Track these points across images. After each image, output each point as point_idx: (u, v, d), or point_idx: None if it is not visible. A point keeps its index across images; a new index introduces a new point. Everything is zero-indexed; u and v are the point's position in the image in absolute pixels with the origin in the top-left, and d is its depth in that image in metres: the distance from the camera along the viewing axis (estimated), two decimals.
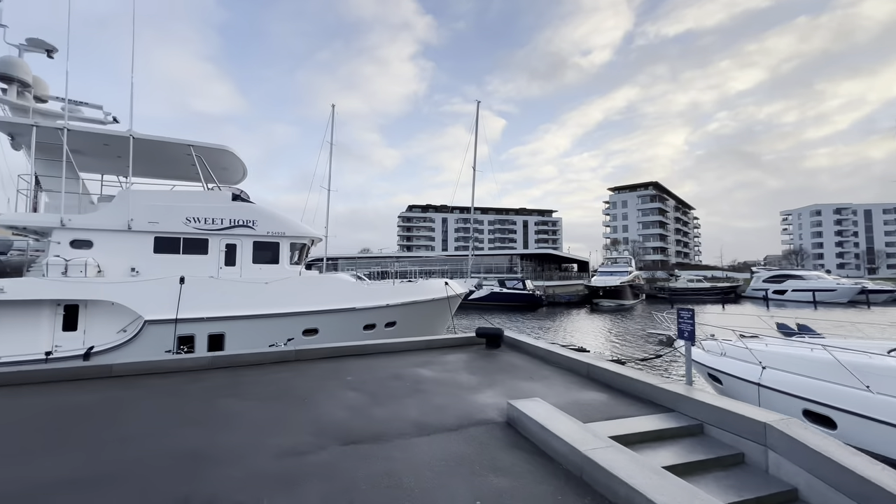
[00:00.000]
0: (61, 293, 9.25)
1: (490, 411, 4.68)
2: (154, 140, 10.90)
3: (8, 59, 10.78)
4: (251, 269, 11.60)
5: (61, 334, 9.58)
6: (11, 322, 9.16)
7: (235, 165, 12.98)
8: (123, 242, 10.34)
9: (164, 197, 10.96)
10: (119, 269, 10.25)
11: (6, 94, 10.89)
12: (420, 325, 14.56)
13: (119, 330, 10.02)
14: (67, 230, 9.86)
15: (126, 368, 6.16)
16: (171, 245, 10.81)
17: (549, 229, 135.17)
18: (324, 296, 11.99)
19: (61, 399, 5.06)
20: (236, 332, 10.69)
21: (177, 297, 10.11)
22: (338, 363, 7.06)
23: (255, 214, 11.71)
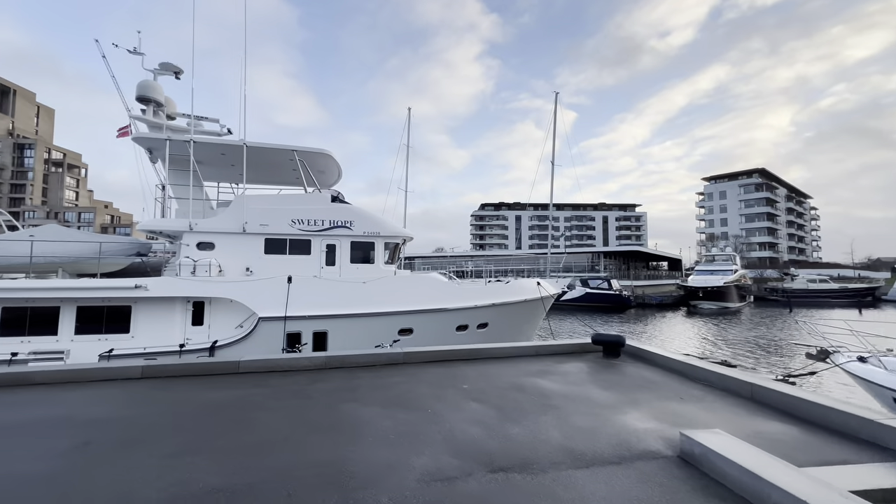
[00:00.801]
0: (191, 291, 10.14)
1: (650, 440, 3.90)
2: (262, 147, 11.58)
3: (147, 83, 12.17)
4: (349, 269, 11.85)
5: (191, 328, 10.52)
6: (153, 316, 10.24)
7: (332, 168, 13.42)
8: (239, 244, 11.12)
9: (272, 200, 11.63)
10: (236, 269, 11.03)
11: (144, 114, 12.30)
12: (512, 327, 13.92)
13: (237, 325, 10.75)
14: (194, 233, 10.82)
15: (251, 366, 6.36)
16: (279, 246, 11.40)
17: (631, 225, 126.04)
18: (418, 295, 11.88)
19: (200, 395, 5.26)
20: (338, 330, 10.95)
21: (285, 296, 10.59)
22: (448, 368, 6.70)
23: (352, 215, 11.95)
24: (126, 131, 12.53)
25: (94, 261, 10.67)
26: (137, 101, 12.23)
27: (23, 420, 4.39)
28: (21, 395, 5.29)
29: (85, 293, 9.53)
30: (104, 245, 11.04)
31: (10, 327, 9.44)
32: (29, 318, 9.55)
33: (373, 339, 11.18)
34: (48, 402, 5.01)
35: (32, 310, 9.60)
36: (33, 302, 9.59)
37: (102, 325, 9.94)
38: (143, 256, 11.80)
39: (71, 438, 3.87)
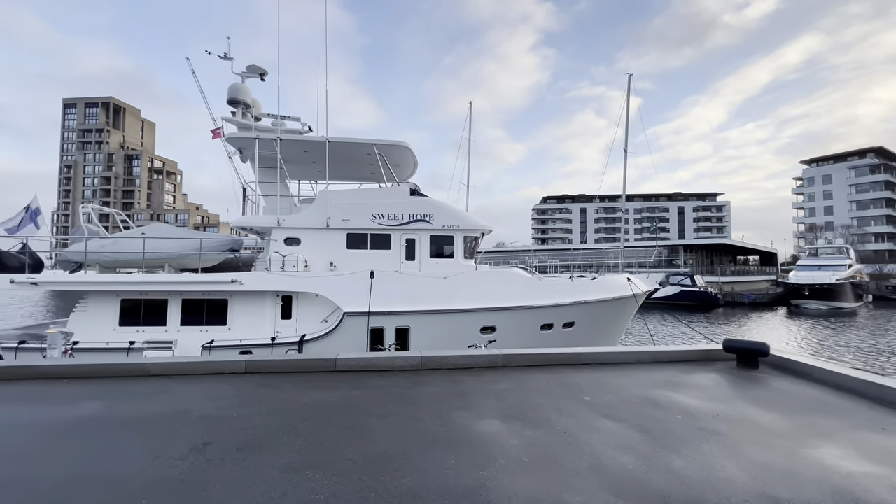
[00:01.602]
0: (280, 285, 10.37)
1: (883, 492, 2.91)
2: (344, 142, 11.56)
3: (236, 86, 12.70)
4: (428, 264, 11.51)
5: (280, 322, 10.79)
6: (246, 310, 10.62)
7: (408, 160, 13.17)
8: (323, 239, 11.21)
9: (353, 195, 11.60)
10: (320, 263, 11.13)
11: (234, 116, 12.85)
12: (600, 327, 12.80)
13: (322, 320, 10.85)
14: (282, 229, 11.08)
15: (347, 364, 6.11)
16: (360, 241, 11.34)
17: (712, 216, 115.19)
18: (500, 292, 11.24)
19: (304, 395, 5.04)
20: (420, 326, 10.64)
21: (368, 291, 10.47)
22: (554, 374, 5.98)
23: (431, 208, 11.57)
24: (219, 132, 13.22)
25: (195, 256, 11.33)
26: (228, 103, 12.85)
27: (143, 414, 4.40)
28: (140, 385, 5.43)
29: (188, 287, 10.12)
30: (203, 241, 11.69)
31: (127, 318, 10.29)
32: (143, 310, 10.36)
33: (455, 336, 10.75)
34: (164, 394, 5.07)
35: (145, 302, 10.39)
36: (146, 295, 10.37)
37: (203, 317, 10.51)
38: (236, 252, 12.35)
39: (189, 438, 3.73)
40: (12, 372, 5.63)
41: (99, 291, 10.16)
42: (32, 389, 5.24)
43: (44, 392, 5.15)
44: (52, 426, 4.07)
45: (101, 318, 10.16)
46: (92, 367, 5.75)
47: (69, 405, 4.66)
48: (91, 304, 10.18)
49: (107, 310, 10.21)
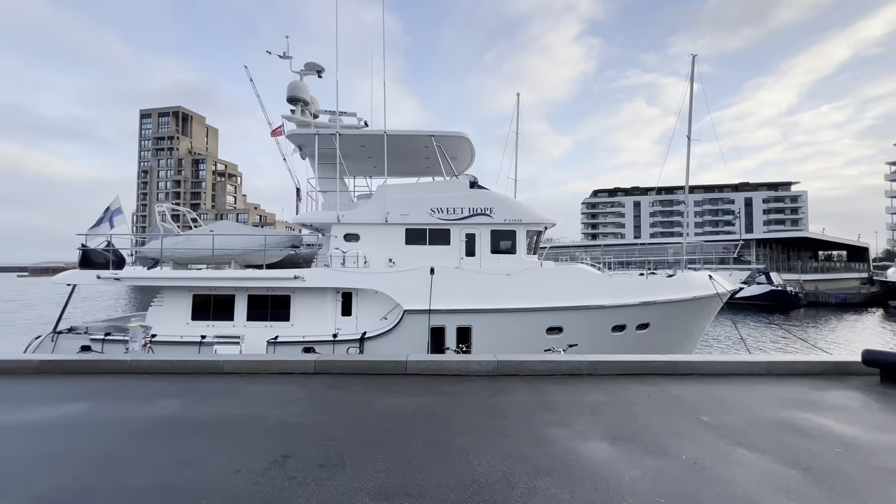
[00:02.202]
0: (341, 282, 10.26)
1: None
2: (402, 135, 11.25)
3: (295, 84, 12.78)
4: (489, 260, 10.95)
5: (340, 319, 10.70)
6: (308, 306, 10.63)
7: (465, 152, 12.66)
8: (382, 234, 10.98)
9: (411, 189, 11.28)
10: (379, 259, 10.92)
11: (293, 114, 12.95)
12: (679, 329, 11.63)
13: (381, 317, 10.63)
14: (342, 225, 10.98)
15: (419, 367, 5.72)
16: (419, 236, 11.00)
17: (785, 207, 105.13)
18: (568, 289, 10.45)
19: (378, 401, 4.68)
20: (482, 325, 10.13)
21: (429, 288, 10.10)
22: (653, 385, 5.23)
23: (492, 201, 10.99)
24: (279, 131, 13.41)
25: (259, 253, 11.54)
26: (288, 101, 12.98)
27: (219, 416, 4.21)
28: (214, 383, 5.34)
29: (254, 283, 10.28)
30: (267, 238, 11.89)
31: (198, 312, 10.65)
32: (212, 305, 10.68)
33: (519, 336, 10.13)
34: (237, 394, 4.91)
35: (215, 297, 10.70)
36: (215, 290, 10.67)
37: (268, 312, 10.66)
38: (297, 248, 12.46)
39: (268, 448, 3.44)
40: (101, 366, 5.76)
41: (173, 287, 10.59)
42: (117, 384, 5.30)
43: (126, 387, 5.18)
44: (135, 425, 3.97)
45: (175, 313, 10.59)
46: (169, 363, 5.76)
47: (149, 402, 4.60)
48: (167, 299, 10.64)
49: (180, 304, 10.62)
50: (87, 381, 5.39)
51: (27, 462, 3.26)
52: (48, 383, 5.33)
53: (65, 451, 3.44)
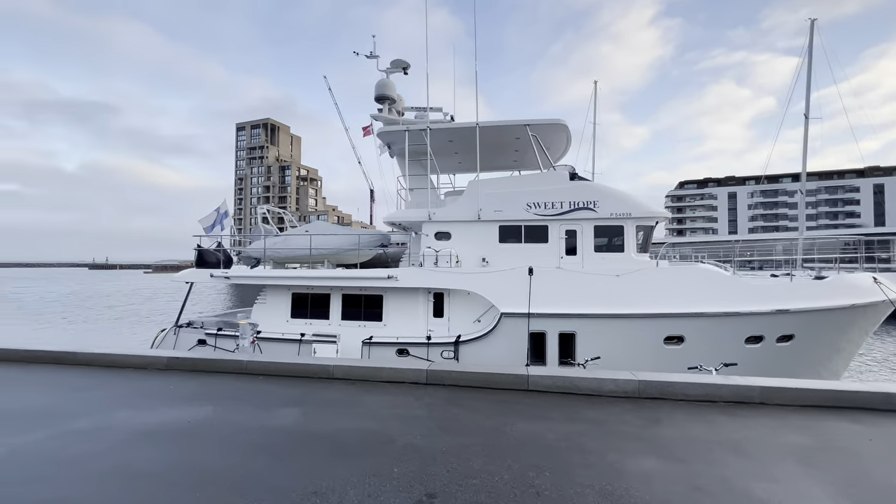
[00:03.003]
0: (434, 281, 9.88)
1: None
2: (494, 126, 10.59)
3: (383, 82, 12.71)
4: (593, 259, 9.87)
5: (432, 320, 10.33)
6: (400, 306, 10.41)
7: (561, 141, 11.65)
8: (474, 232, 10.42)
9: (506, 184, 10.57)
10: (471, 259, 10.37)
11: (381, 112, 12.89)
12: (831, 342, 9.59)
13: (474, 319, 10.07)
14: (433, 223, 10.60)
15: (542, 382, 5.00)
16: (513, 233, 10.27)
17: None
18: (690, 293, 9.05)
19: (511, 425, 4.04)
20: (588, 332, 9.12)
21: (527, 290, 9.32)
22: (855, 421, 3.99)
23: (596, 194, 9.89)
24: (368, 130, 13.49)
25: (351, 252, 11.61)
26: (376, 100, 12.97)
27: (340, 432, 3.85)
28: (327, 390, 5.08)
29: (348, 282, 10.29)
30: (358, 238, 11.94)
31: (297, 310, 10.95)
32: (310, 304, 10.92)
33: (632, 346, 8.96)
34: (354, 405, 4.56)
35: (312, 296, 10.93)
36: (311, 289, 10.89)
37: (361, 312, 10.65)
38: (385, 248, 12.38)
39: (407, 483, 2.95)
40: (220, 365, 5.84)
41: (274, 285, 11.00)
42: (235, 385, 5.27)
43: (245, 390, 5.11)
44: (258, 436, 3.75)
45: (276, 310, 11.00)
46: (282, 365, 5.67)
47: (269, 410, 4.41)
48: (269, 297, 11.10)
49: (281, 303, 11.01)
50: (209, 381, 5.44)
51: (165, 475, 3.09)
52: (175, 381, 5.46)
53: (196, 465, 3.25)
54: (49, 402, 4.61)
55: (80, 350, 6.31)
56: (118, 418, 4.17)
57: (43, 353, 6.39)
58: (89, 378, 5.56)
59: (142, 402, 4.64)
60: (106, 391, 5.03)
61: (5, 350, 6.50)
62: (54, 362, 6.32)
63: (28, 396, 4.86)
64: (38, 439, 3.65)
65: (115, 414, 4.28)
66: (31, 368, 6.05)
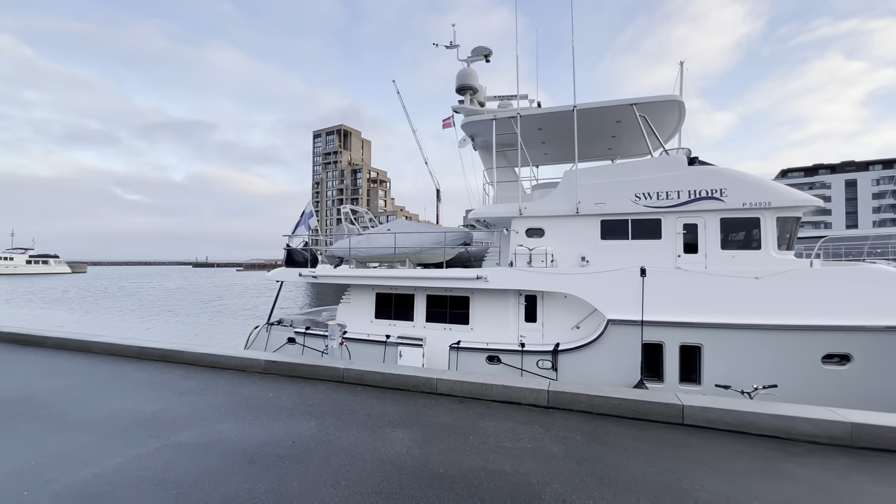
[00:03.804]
0: (528, 283, 8.96)
1: None
2: (595, 108, 9.40)
3: (465, 72, 12.02)
4: (719, 257, 8.29)
5: (524, 325, 9.42)
6: (488, 309, 9.65)
7: (671, 121, 10.11)
8: (571, 228, 9.32)
9: (609, 172, 9.30)
10: (568, 257, 9.29)
11: (462, 104, 12.21)
12: None
13: (572, 326, 8.98)
14: (524, 218, 9.68)
15: (705, 416, 3.90)
16: (618, 229, 9.00)
17: None
18: (857, 301, 7.17)
19: (692, 480, 3.03)
20: (719, 346, 7.63)
21: (639, 293, 8.05)
22: None
23: (723, 181, 8.30)
24: (449, 123, 12.90)
25: (433, 251, 11.08)
26: (457, 91, 12.33)
27: (468, 474, 3.13)
28: (434, 409, 4.43)
29: (433, 282, 9.74)
30: (440, 235, 11.39)
31: (381, 311, 10.65)
32: (393, 304, 10.57)
33: (779, 364, 7.31)
34: (473, 434, 3.84)
35: (395, 296, 10.57)
36: (395, 289, 10.53)
37: (446, 314, 10.06)
38: (467, 246, 11.70)
39: None
40: (317, 371, 5.48)
41: (359, 285, 10.80)
42: (335, 397, 4.83)
43: (346, 403, 4.63)
44: (373, 471, 3.15)
45: (361, 310, 10.80)
46: (380, 375, 5.14)
47: (376, 432, 3.85)
48: (354, 297, 10.94)
49: (365, 302, 10.79)
50: (307, 390, 5.07)
51: None
52: (274, 387, 5.16)
53: None
54: (156, 407, 4.47)
55: (186, 349, 6.35)
56: (222, 431, 3.85)
57: (153, 350, 6.54)
58: (193, 379, 5.47)
59: (244, 413, 4.32)
60: (209, 396, 4.83)
61: (122, 346, 6.77)
62: (162, 359, 6.44)
63: (137, 397, 4.80)
64: (144, 454, 3.39)
65: (218, 425, 3.98)
66: (143, 365, 6.18)
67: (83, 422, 4.07)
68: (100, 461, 3.26)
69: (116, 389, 5.09)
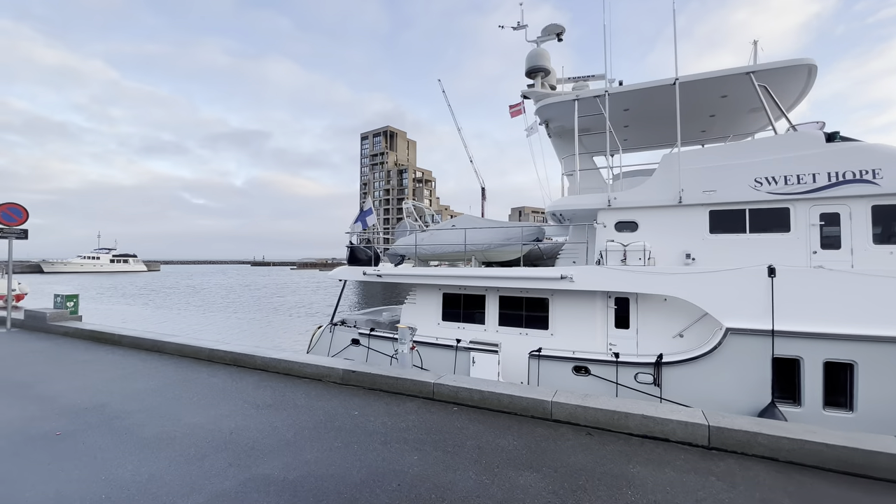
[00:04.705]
0: (621, 284, 7.81)
1: None
2: (702, 80, 8.06)
3: (536, 52, 11.02)
4: (872, 254, 6.73)
5: (614, 331, 8.28)
6: (571, 313, 8.63)
7: (794, 90, 8.51)
8: (672, 220, 8.06)
9: (720, 154, 7.92)
10: (668, 254, 8.04)
11: (533, 87, 11.18)
12: None
13: (674, 334, 7.72)
14: (613, 210, 8.53)
15: None
16: (733, 220, 7.64)
17: None
18: None
19: None
20: (880, 364, 6.11)
21: (765, 298, 6.67)
22: None
23: (876, 160, 6.72)
24: (518, 109, 11.93)
25: (503, 248, 10.19)
26: (527, 74, 11.33)
27: None
28: (555, 444, 3.54)
29: (511, 282, 8.84)
30: (510, 231, 10.47)
31: (448, 313, 9.91)
32: (462, 306, 9.79)
33: None
34: (618, 482, 2.91)
35: (465, 297, 9.78)
36: (464, 290, 9.74)
37: (522, 317, 9.13)
38: (539, 242, 10.68)
39: None
40: (401, 385, 4.76)
41: (425, 284, 10.13)
42: (428, 420, 4.07)
43: (445, 429, 3.85)
44: None
45: (426, 312, 10.12)
46: (478, 394, 4.32)
47: (497, 475, 3.02)
48: (419, 297, 10.28)
49: (431, 303, 10.10)
50: (396, 408, 4.35)
51: None
52: (358, 403, 4.51)
53: None
54: (232, 424, 3.93)
55: (258, 353, 5.91)
56: (310, 462, 3.19)
57: (224, 353, 6.18)
58: (268, 389, 4.95)
59: (331, 437, 3.67)
60: (288, 412, 4.25)
61: (195, 348, 6.48)
62: (234, 363, 6.05)
63: (212, 409, 4.31)
64: (226, 492, 2.77)
65: (305, 453, 3.33)
66: (215, 370, 5.79)
67: (158, 440, 3.59)
68: (177, 501, 2.68)
69: (191, 398, 4.65)
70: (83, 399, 4.63)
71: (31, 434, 3.72)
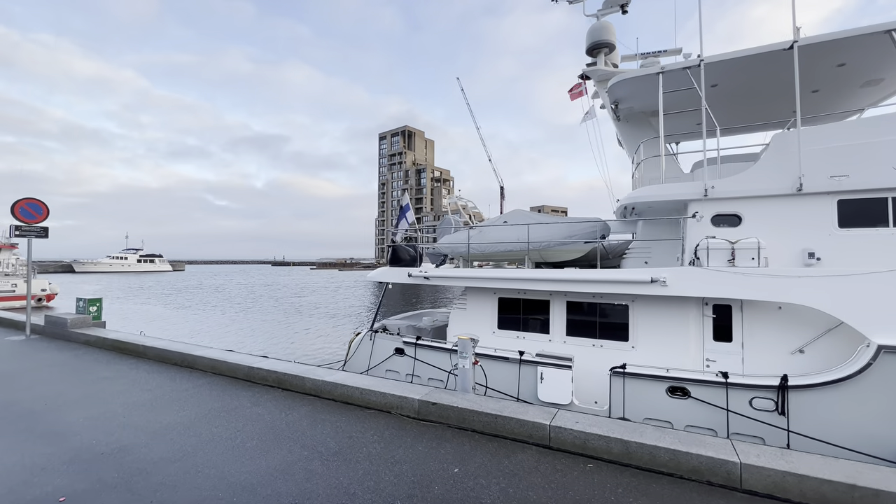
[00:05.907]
0: (725, 289, 6.50)
1: None
2: (825, 42, 6.67)
3: (598, 26, 9.82)
4: None
5: (712, 345, 6.97)
6: (657, 322, 7.37)
7: None
8: (788, 212, 6.70)
9: (853, 132, 6.52)
10: (782, 252, 6.67)
11: (594, 66, 9.92)
12: None
13: (793, 350, 6.37)
14: (710, 202, 7.21)
15: None
16: (869, 212, 6.25)
17: None
18: None
19: None
20: None
21: None
22: None
23: None
24: (579, 91, 10.67)
25: (564, 246, 8.98)
26: (588, 52, 10.09)
27: None
28: None
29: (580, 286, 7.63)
30: (572, 227, 9.24)
31: (505, 320, 8.76)
32: (522, 312, 8.63)
33: None
34: None
35: (524, 302, 8.62)
36: (525, 293, 8.57)
37: (595, 327, 7.91)
38: (604, 239, 9.40)
39: None
40: (500, 426, 3.62)
41: (477, 287, 9.00)
42: (557, 483, 2.91)
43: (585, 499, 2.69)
44: None
45: (480, 319, 8.99)
46: (626, 444, 3.14)
47: None
48: (470, 302, 9.16)
49: (485, 309, 8.96)
50: (505, 461, 3.22)
51: None
52: (450, 449, 3.39)
53: None
54: (295, 488, 2.86)
55: (307, 375, 4.86)
56: None
57: (265, 373, 5.16)
58: (327, 426, 3.89)
59: None
60: (364, 468, 3.16)
61: (231, 365, 5.48)
62: (278, 385, 5.03)
63: (264, 459, 3.27)
64: None
65: None
66: (256, 395, 4.77)
67: None
68: None
69: (233, 440, 3.62)
70: (100, 437, 3.65)
71: (27, 499, 2.73)
